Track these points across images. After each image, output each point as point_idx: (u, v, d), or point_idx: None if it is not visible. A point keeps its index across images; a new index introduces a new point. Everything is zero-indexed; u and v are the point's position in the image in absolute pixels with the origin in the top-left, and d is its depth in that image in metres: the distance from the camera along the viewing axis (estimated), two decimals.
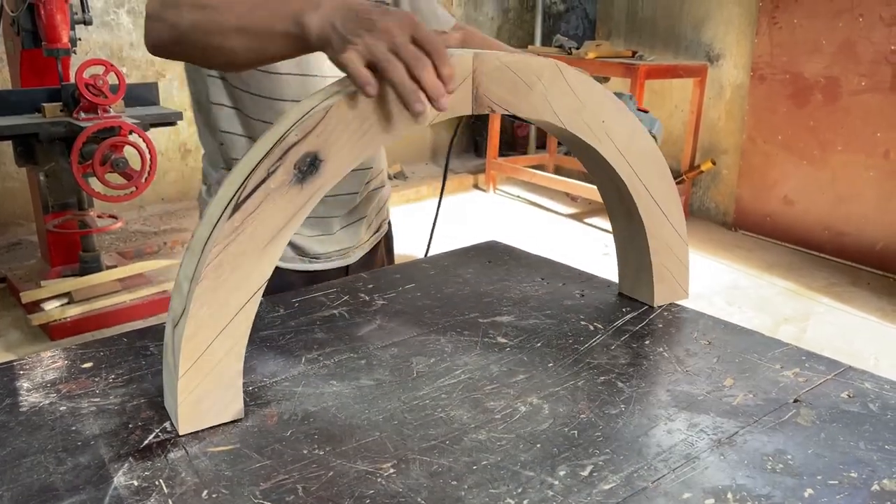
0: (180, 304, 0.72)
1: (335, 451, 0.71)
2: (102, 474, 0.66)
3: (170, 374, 0.74)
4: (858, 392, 0.83)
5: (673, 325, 1.00)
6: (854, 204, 4.10)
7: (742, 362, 0.90)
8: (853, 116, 4.04)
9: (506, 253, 1.30)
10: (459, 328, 0.98)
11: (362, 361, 0.89)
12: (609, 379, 0.85)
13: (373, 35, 0.68)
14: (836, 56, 4.08)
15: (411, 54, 0.67)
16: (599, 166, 0.97)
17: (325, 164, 0.73)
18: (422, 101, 0.67)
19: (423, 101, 0.67)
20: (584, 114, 0.90)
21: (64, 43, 2.93)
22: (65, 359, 0.88)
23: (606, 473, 0.68)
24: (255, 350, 0.90)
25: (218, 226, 0.71)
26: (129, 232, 4.26)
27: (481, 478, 0.67)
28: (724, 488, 0.66)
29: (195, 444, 0.72)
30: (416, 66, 0.67)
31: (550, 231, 4.67)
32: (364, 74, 0.67)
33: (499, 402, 0.80)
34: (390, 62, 0.67)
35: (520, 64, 0.84)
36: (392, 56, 0.67)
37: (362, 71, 0.68)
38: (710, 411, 0.79)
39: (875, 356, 3.04)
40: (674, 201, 1.01)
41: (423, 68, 0.66)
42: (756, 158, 4.57)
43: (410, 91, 0.67)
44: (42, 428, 0.74)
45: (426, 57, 0.67)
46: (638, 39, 5.25)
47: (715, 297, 3.63)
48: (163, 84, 4.36)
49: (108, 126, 2.73)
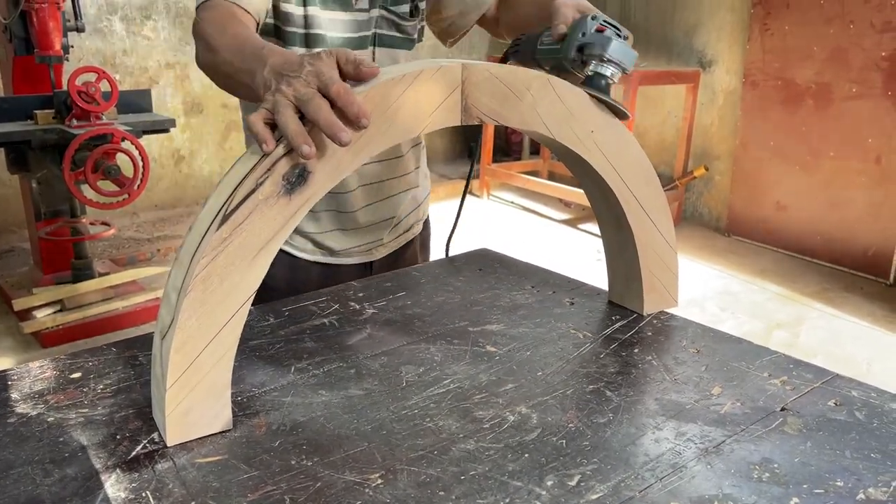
0: (168, 315, 0.72)
1: (323, 461, 0.71)
2: (90, 486, 0.66)
3: (158, 385, 0.74)
4: (845, 400, 0.83)
5: (662, 334, 1.00)
6: (846, 209, 4.12)
7: (730, 370, 0.90)
8: (845, 122, 4.07)
9: (497, 261, 1.30)
10: (449, 337, 0.98)
11: (352, 371, 0.89)
12: (598, 388, 0.85)
13: (280, 91, 0.72)
14: (827, 62, 4.10)
15: (308, 100, 0.70)
16: (588, 176, 0.97)
17: (313, 175, 0.73)
18: (307, 144, 0.69)
19: (308, 144, 0.69)
20: (573, 124, 0.90)
21: (56, 50, 2.93)
22: (53, 369, 0.88)
23: (594, 483, 0.68)
24: (245, 360, 0.90)
25: (206, 237, 0.71)
26: (122, 239, 4.26)
27: (469, 488, 0.67)
28: (710, 497, 0.66)
29: (183, 455, 0.71)
30: (307, 109, 0.70)
31: (544, 237, 4.68)
32: (260, 131, 0.71)
33: (487, 412, 0.80)
34: (280, 114, 0.70)
35: (509, 75, 0.84)
36: (284, 107, 0.70)
37: (259, 128, 0.71)
38: (698, 420, 0.79)
39: (867, 361, 3.05)
40: (663, 210, 1.02)
41: (316, 111, 0.69)
42: (749, 164, 4.59)
43: (291, 137, 0.69)
44: (29, 439, 0.73)
45: (324, 101, 0.70)
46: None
47: (707, 302, 3.64)
48: (156, 91, 4.37)
49: (101, 133, 2.73)
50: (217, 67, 0.94)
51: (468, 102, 0.82)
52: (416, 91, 0.77)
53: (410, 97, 0.77)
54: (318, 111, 0.69)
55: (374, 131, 0.76)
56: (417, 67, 0.78)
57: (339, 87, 0.70)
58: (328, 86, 0.71)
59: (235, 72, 0.88)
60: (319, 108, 0.69)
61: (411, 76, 0.77)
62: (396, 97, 0.76)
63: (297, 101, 0.71)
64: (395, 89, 0.76)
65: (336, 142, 0.69)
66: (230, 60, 0.90)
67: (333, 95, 0.70)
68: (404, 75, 0.76)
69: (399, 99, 0.77)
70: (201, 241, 0.71)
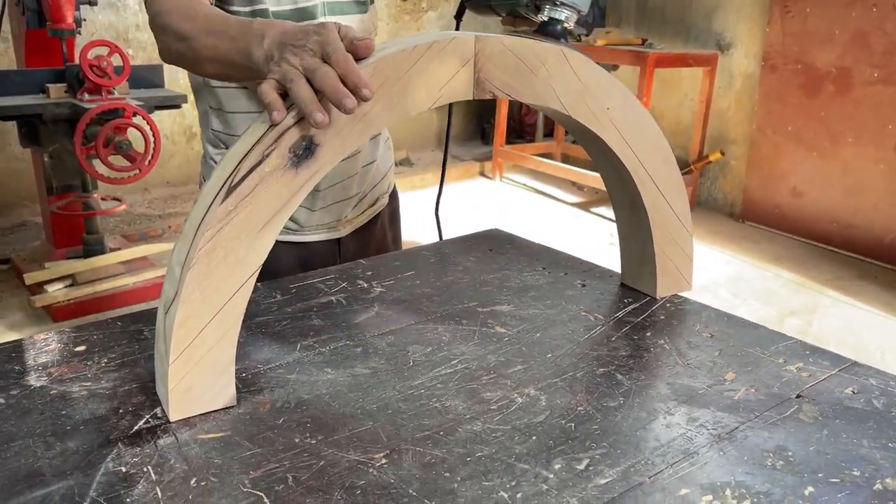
0: (172, 289, 0.71)
1: (327, 440, 0.70)
2: (91, 460, 0.65)
3: (161, 360, 0.73)
4: (863, 388, 0.81)
5: (675, 317, 0.98)
6: (863, 197, 4.06)
7: (744, 356, 0.88)
8: (864, 108, 3.99)
9: (507, 241, 1.28)
10: (458, 317, 0.97)
11: (358, 349, 0.88)
12: (608, 371, 0.84)
13: (287, 61, 0.71)
14: (848, 46, 4.02)
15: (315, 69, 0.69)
16: (603, 154, 0.95)
17: (320, 148, 0.72)
18: (321, 112, 0.68)
19: (321, 112, 0.68)
20: (588, 100, 0.88)
21: (69, 23, 2.91)
22: (58, 342, 0.87)
23: (603, 468, 0.66)
24: (250, 336, 0.89)
25: (211, 209, 0.69)
26: (134, 215, 4.26)
27: (475, 470, 0.66)
28: (722, 485, 0.65)
29: (186, 430, 0.71)
30: (314, 78, 0.69)
31: (556, 220, 4.64)
32: (273, 100, 0.70)
33: (495, 393, 0.78)
34: (293, 82, 0.69)
35: (524, 48, 0.82)
36: (296, 76, 0.69)
37: (271, 97, 0.70)
38: (711, 405, 0.77)
39: (881, 350, 3.02)
40: (679, 191, 0.99)
41: (323, 79, 0.68)
42: (765, 149, 4.53)
43: (304, 104, 0.68)
44: (32, 412, 0.73)
45: (331, 69, 0.69)
46: (648, 27, 5.20)
47: (720, 288, 3.60)
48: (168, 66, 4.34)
49: (112, 108, 2.72)
50: (196, 54, 0.91)
51: (481, 76, 0.80)
52: (427, 63, 0.75)
53: (422, 69, 0.75)
54: (325, 78, 0.68)
55: (383, 105, 0.74)
56: (430, 39, 0.76)
57: (339, 56, 0.69)
58: (330, 55, 0.69)
59: (223, 54, 0.86)
60: (326, 75, 0.68)
61: (423, 47, 0.75)
62: (407, 69, 0.74)
63: (306, 71, 0.69)
64: (406, 61, 0.74)
65: (341, 109, 0.67)
66: (212, 44, 0.88)
67: (333, 63, 0.69)
68: (416, 46, 0.74)
69: (410, 71, 0.74)
70: (206, 214, 0.70)
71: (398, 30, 5.54)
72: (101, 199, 3.27)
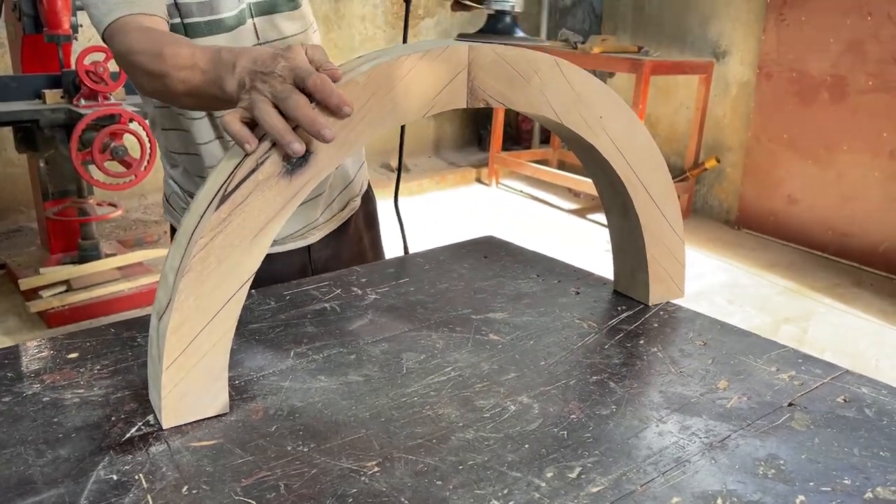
0: (165, 296, 0.71)
1: (320, 447, 0.70)
2: (82, 468, 0.65)
3: (154, 366, 0.73)
4: (855, 397, 0.81)
5: (668, 325, 0.99)
6: (859, 204, 4.07)
7: (737, 364, 0.88)
8: (860, 116, 4.01)
9: (502, 248, 1.28)
10: (452, 324, 0.97)
11: (352, 356, 0.88)
12: (601, 379, 0.84)
13: (256, 90, 0.70)
14: (843, 55, 4.04)
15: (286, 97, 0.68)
16: (595, 162, 0.95)
17: (314, 156, 0.72)
18: (298, 142, 0.67)
19: (298, 142, 0.67)
20: (581, 109, 0.88)
21: (65, 29, 2.91)
22: (51, 349, 0.87)
23: (595, 476, 0.66)
24: (244, 343, 0.89)
25: (205, 217, 0.70)
26: (130, 220, 4.25)
27: (467, 478, 0.66)
28: (714, 493, 0.65)
29: (178, 437, 0.70)
30: (286, 106, 0.68)
31: (552, 226, 4.65)
32: (236, 132, 0.69)
33: (488, 401, 0.78)
34: (262, 111, 0.68)
35: (517, 57, 0.82)
36: (264, 105, 0.68)
37: (235, 128, 0.69)
38: (703, 414, 0.77)
39: (876, 358, 3.02)
40: (671, 198, 1.00)
41: (294, 109, 0.67)
42: (761, 157, 4.54)
43: (278, 135, 0.67)
44: (24, 419, 0.73)
45: (302, 96, 0.68)
46: (644, 35, 5.22)
47: (716, 295, 3.61)
48: None
49: (108, 114, 2.72)
50: (171, 90, 0.90)
51: (474, 84, 0.80)
52: (420, 71, 0.76)
53: (415, 77, 0.76)
54: (297, 108, 0.67)
55: (377, 113, 0.74)
56: (423, 48, 0.76)
57: (316, 79, 0.68)
58: (304, 79, 0.68)
59: (197, 87, 0.85)
60: (297, 104, 0.67)
61: (416, 56, 0.75)
62: (401, 77, 0.75)
63: (275, 99, 0.68)
64: (400, 69, 0.74)
65: (319, 139, 0.67)
66: (186, 78, 0.86)
67: (311, 88, 0.68)
68: (409, 55, 0.75)
69: (403, 79, 0.75)
70: (200, 221, 0.70)
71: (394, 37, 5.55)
72: (96, 205, 3.27)
